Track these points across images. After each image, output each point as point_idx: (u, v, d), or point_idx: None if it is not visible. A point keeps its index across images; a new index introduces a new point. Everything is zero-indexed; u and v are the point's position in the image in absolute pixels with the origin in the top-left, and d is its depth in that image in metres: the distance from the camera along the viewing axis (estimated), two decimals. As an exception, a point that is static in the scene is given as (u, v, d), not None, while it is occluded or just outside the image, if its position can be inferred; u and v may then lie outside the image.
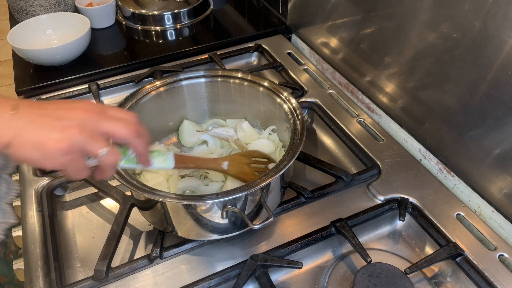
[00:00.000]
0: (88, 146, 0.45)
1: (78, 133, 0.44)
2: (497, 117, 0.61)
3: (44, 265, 0.61)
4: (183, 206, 0.57)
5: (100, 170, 0.49)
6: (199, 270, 0.62)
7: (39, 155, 0.43)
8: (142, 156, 0.52)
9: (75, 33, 1.02)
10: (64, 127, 0.44)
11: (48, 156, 0.43)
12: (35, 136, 0.43)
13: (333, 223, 0.64)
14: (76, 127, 0.44)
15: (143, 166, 0.54)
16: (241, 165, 0.66)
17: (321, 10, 0.97)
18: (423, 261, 0.59)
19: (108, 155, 0.46)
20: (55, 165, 0.44)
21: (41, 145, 0.43)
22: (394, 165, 0.75)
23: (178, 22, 1.20)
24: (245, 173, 0.65)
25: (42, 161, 0.43)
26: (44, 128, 0.43)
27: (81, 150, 0.45)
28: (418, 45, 0.72)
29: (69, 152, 0.43)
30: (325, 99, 0.90)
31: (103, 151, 0.46)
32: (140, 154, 0.52)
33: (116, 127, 0.47)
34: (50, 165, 0.44)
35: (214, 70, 0.75)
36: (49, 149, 0.43)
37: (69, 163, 0.44)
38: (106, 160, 0.47)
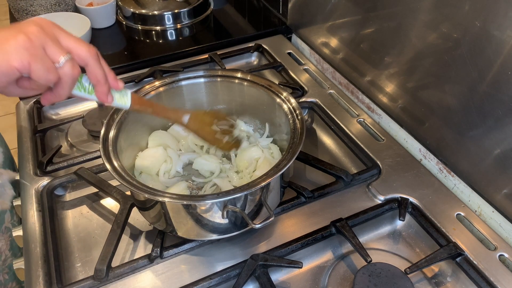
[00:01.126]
0: (49, 46, 0.42)
1: (37, 32, 0.41)
2: (497, 117, 0.61)
3: (44, 264, 0.61)
4: (183, 206, 0.57)
5: (52, 92, 0.45)
6: (199, 270, 0.62)
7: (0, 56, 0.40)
8: (100, 85, 0.48)
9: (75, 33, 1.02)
10: (22, 27, 0.41)
11: (8, 54, 0.40)
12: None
13: (333, 223, 0.64)
14: (35, 26, 0.42)
15: (99, 98, 0.50)
16: (203, 123, 0.64)
17: (321, 10, 0.97)
18: (423, 261, 0.59)
19: (69, 64, 0.43)
20: (19, 64, 0.40)
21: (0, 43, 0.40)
22: (394, 165, 0.75)
23: (179, 22, 1.20)
24: (205, 131, 0.64)
25: (4, 62, 0.40)
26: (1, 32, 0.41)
27: (42, 48, 0.41)
28: (418, 45, 0.72)
29: (29, 45, 0.40)
30: (325, 99, 0.90)
31: (65, 57, 0.43)
32: (98, 81, 0.48)
33: (78, 43, 0.45)
34: (14, 63, 0.40)
35: (213, 70, 0.75)
36: (7, 45, 0.40)
37: (32, 58, 0.40)
38: (66, 69, 0.43)
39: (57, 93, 0.45)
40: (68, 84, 0.45)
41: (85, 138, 0.87)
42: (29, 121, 0.88)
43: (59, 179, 0.73)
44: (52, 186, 0.73)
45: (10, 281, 0.82)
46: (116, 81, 0.51)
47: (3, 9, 2.89)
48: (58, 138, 0.88)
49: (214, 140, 0.66)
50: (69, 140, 0.86)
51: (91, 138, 0.86)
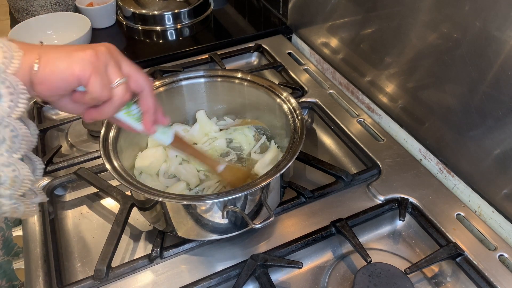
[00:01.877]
0: (111, 66, 0.44)
1: (104, 51, 0.44)
2: (497, 117, 0.61)
3: (44, 264, 0.61)
4: (183, 206, 0.57)
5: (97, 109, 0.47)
6: (199, 270, 0.62)
7: (66, 63, 0.42)
8: (148, 114, 0.51)
9: (75, 33, 1.03)
10: (93, 45, 0.44)
11: (74, 62, 0.42)
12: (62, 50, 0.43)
13: (333, 223, 0.64)
14: (105, 47, 0.45)
15: (143, 128, 0.52)
16: (237, 178, 0.65)
17: (322, 10, 0.97)
18: (423, 261, 0.59)
19: (123, 86, 0.46)
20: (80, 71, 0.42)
21: (69, 53, 0.42)
22: (394, 165, 0.75)
23: (179, 22, 1.20)
24: (234, 185, 0.65)
25: (68, 69, 0.42)
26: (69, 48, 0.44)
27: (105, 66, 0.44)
28: (418, 45, 0.72)
29: (95, 60, 0.43)
30: (325, 99, 0.90)
31: (121, 79, 0.45)
32: (148, 110, 0.50)
33: (137, 71, 0.48)
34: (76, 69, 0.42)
35: (213, 70, 0.75)
36: (76, 55, 0.42)
37: (94, 72, 0.43)
38: (119, 91, 0.45)
39: (103, 111, 0.47)
40: (115, 105, 0.47)
41: (85, 138, 0.87)
42: (29, 121, 0.88)
43: (59, 179, 0.73)
44: (52, 186, 0.73)
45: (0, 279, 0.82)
46: (163, 116, 0.54)
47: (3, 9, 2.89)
48: (58, 138, 0.88)
49: None
50: (69, 140, 0.86)
51: (91, 138, 0.86)
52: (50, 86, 0.42)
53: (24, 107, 0.40)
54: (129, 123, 0.53)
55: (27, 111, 0.89)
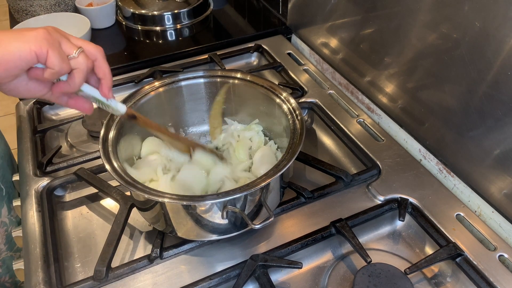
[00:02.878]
0: (64, 42, 0.47)
1: (53, 29, 0.47)
2: (497, 117, 0.61)
3: (44, 265, 0.61)
4: (182, 206, 0.57)
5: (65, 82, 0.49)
6: (199, 270, 0.62)
7: (21, 42, 0.44)
8: (105, 79, 0.52)
9: (75, 33, 1.02)
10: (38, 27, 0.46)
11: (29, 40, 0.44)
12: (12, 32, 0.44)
13: (333, 223, 0.64)
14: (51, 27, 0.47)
15: (103, 93, 0.54)
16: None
17: (321, 11, 0.97)
18: (423, 261, 0.59)
19: (82, 55, 0.48)
20: (37, 48, 0.44)
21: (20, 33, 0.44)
22: (394, 166, 0.75)
23: (178, 22, 1.20)
24: None
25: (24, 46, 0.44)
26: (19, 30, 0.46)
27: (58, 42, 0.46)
28: (418, 46, 0.72)
29: (48, 37, 0.45)
30: (325, 100, 0.90)
31: (77, 50, 0.48)
32: (105, 75, 0.52)
33: (86, 42, 0.50)
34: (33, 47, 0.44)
35: (213, 71, 0.75)
36: (28, 34, 0.44)
37: (50, 46, 0.45)
38: (80, 59, 0.48)
39: (72, 81, 0.49)
40: (82, 74, 0.49)
41: (85, 138, 0.87)
42: (29, 122, 0.88)
43: (59, 179, 0.73)
44: (52, 187, 0.73)
45: (3, 275, 0.82)
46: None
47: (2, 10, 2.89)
48: (58, 138, 0.88)
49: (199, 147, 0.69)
50: (69, 141, 0.86)
51: (91, 138, 0.86)
52: (7, 66, 0.44)
53: None
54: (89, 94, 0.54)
55: (26, 112, 0.90)
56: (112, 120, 0.65)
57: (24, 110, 0.91)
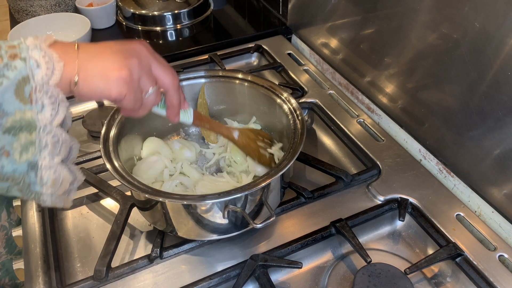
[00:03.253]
0: (143, 79, 0.48)
1: (137, 64, 0.47)
2: (497, 118, 0.61)
3: (44, 265, 0.61)
4: (183, 206, 0.57)
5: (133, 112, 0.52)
6: (199, 270, 0.62)
7: (103, 84, 0.45)
8: (172, 108, 0.56)
9: (75, 33, 1.03)
10: (125, 57, 0.47)
11: (111, 84, 0.45)
12: (99, 66, 0.45)
13: (333, 223, 0.64)
14: (136, 57, 0.47)
15: (169, 118, 0.58)
16: (249, 139, 0.70)
17: (321, 11, 0.97)
18: (423, 261, 0.59)
19: (153, 95, 0.50)
20: (117, 95, 0.46)
21: (105, 73, 0.45)
22: (394, 166, 0.75)
23: (178, 22, 1.20)
24: (251, 147, 0.69)
25: (106, 90, 0.45)
26: (107, 58, 0.46)
27: (138, 80, 0.48)
28: (418, 46, 0.72)
29: (130, 80, 0.46)
30: (325, 100, 0.90)
31: (152, 89, 0.50)
32: (172, 106, 0.56)
33: (165, 74, 0.52)
34: (114, 94, 0.46)
35: (214, 71, 0.76)
36: (112, 76, 0.45)
37: (128, 91, 0.46)
38: (150, 100, 0.51)
39: (137, 113, 0.52)
40: (148, 109, 0.52)
41: (85, 138, 0.87)
42: (29, 122, 0.88)
43: (59, 179, 0.73)
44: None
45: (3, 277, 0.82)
46: (185, 103, 0.59)
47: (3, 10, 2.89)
48: (58, 138, 0.88)
49: (256, 155, 0.70)
50: (69, 141, 0.86)
51: (91, 138, 0.86)
52: (87, 99, 0.47)
53: (63, 115, 0.43)
54: (157, 112, 0.58)
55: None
56: (113, 119, 0.65)
57: (24, 110, 0.91)
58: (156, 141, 0.74)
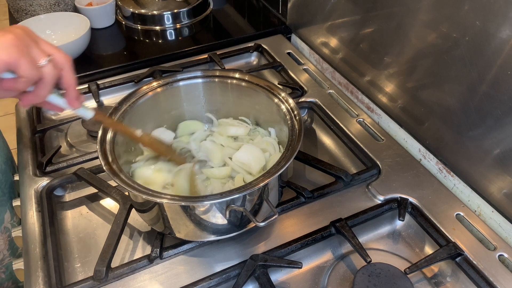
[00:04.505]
0: (33, 48, 0.46)
1: (22, 34, 0.45)
2: (497, 117, 0.61)
3: (44, 265, 0.61)
4: (181, 207, 0.56)
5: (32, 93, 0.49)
6: (199, 270, 0.62)
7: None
8: (71, 90, 0.52)
9: (74, 33, 1.02)
10: (8, 29, 0.45)
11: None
12: None
13: (333, 223, 0.64)
14: (20, 30, 0.46)
15: (69, 102, 0.54)
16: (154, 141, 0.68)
17: (321, 10, 0.97)
18: (423, 261, 0.59)
19: (50, 65, 0.47)
20: (7, 57, 0.43)
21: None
22: (394, 165, 0.75)
23: (178, 22, 1.20)
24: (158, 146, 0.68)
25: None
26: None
27: (27, 47, 0.45)
28: (418, 45, 0.72)
29: (18, 43, 0.44)
30: (325, 99, 0.90)
31: (46, 58, 0.47)
32: (70, 86, 0.52)
33: (56, 49, 0.49)
34: (3, 56, 0.43)
35: (211, 71, 0.75)
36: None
37: (20, 55, 0.44)
38: (47, 69, 0.47)
39: (38, 93, 0.48)
40: (49, 84, 0.48)
41: (84, 138, 0.87)
42: (28, 122, 0.88)
43: (58, 179, 0.73)
44: (52, 187, 0.73)
45: (6, 281, 0.82)
46: (81, 96, 0.55)
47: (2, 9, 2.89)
48: (58, 138, 0.88)
49: (167, 151, 0.69)
50: (69, 141, 0.86)
51: (91, 138, 0.86)
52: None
53: None
54: (56, 102, 0.54)
55: (26, 112, 0.90)
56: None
57: (23, 110, 0.91)
58: None
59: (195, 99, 0.77)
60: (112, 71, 1.01)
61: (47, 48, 0.48)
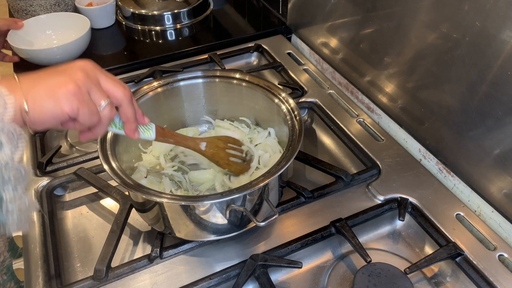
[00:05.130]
0: (93, 91, 0.47)
1: (83, 77, 0.46)
2: (497, 117, 0.61)
3: (44, 265, 0.61)
4: (181, 207, 0.56)
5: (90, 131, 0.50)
6: (199, 270, 0.62)
7: (53, 103, 0.44)
8: (129, 123, 0.53)
9: (75, 33, 1.03)
10: (70, 73, 0.45)
11: (60, 100, 0.44)
12: (44, 87, 0.44)
13: (333, 223, 0.64)
14: (81, 72, 0.46)
15: (127, 134, 0.55)
16: (217, 148, 0.68)
17: (321, 10, 0.97)
18: (423, 261, 0.59)
19: (108, 107, 0.48)
20: (69, 109, 0.44)
21: (52, 91, 0.44)
22: (394, 165, 0.75)
23: (178, 22, 1.20)
24: (220, 156, 0.67)
25: (57, 108, 0.44)
26: (50, 79, 0.45)
27: (88, 93, 0.46)
28: (418, 45, 0.72)
29: (79, 92, 0.45)
30: (325, 99, 0.90)
31: (105, 101, 0.48)
32: (128, 120, 0.52)
33: (115, 86, 0.49)
34: (66, 109, 0.44)
35: (211, 71, 0.75)
36: (60, 92, 0.44)
37: (81, 104, 0.45)
38: (105, 113, 0.48)
39: (95, 132, 0.50)
40: (105, 125, 0.50)
41: (84, 138, 0.86)
42: (28, 121, 0.87)
43: (58, 179, 0.73)
44: (52, 187, 0.73)
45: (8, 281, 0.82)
46: (143, 118, 0.56)
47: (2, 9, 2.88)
48: (58, 138, 0.88)
49: (227, 164, 0.68)
50: (69, 140, 0.86)
51: (91, 138, 0.86)
52: (42, 125, 0.45)
53: (23, 149, 0.43)
54: (115, 131, 0.55)
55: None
56: (112, 120, 0.64)
57: (24, 110, 0.91)
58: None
59: (195, 99, 0.77)
60: (113, 71, 1.01)
61: (107, 85, 0.49)
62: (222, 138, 0.70)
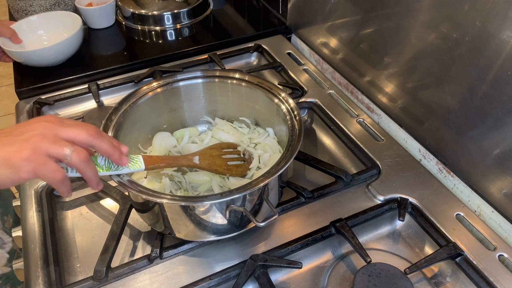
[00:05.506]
0: (52, 149, 0.46)
1: (39, 140, 0.46)
2: (497, 117, 0.61)
3: (44, 265, 0.61)
4: (181, 208, 0.56)
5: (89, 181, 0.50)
6: (199, 270, 0.62)
7: (9, 171, 0.44)
8: (111, 155, 0.52)
9: (66, 32, 1.01)
10: (26, 139, 0.45)
11: (16, 168, 0.44)
12: (0, 155, 0.44)
13: (333, 223, 0.64)
14: (37, 135, 0.46)
15: (117, 163, 0.54)
16: (212, 157, 0.67)
17: (321, 10, 0.97)
18: (423, 261, 0.59)
19: (75, 153, 0.47)
20: (27, 175, 0.45)
21: (8, 160, 0.44)
22: (394, 165, 0.75)
23: (178, 22, 1.20)
24: (217, 165, 0.67)
25: (14, 176, 0.44)
26: (6, 146, 0.45)
27: (46, 154, 0.46)
28: (418, 45, 0.72)
29: (33, 157, 0.45)
30: (325, 99, 0.90)
31: (67, 151, 0.47)
32: (108, 154, 0.51)
33: (76, 131, 0.49)
34: (23, 175, 0.45)
35: (211, 71, 0.75)
36: (14, 160, 0.44)
37: (38, 168, 0.45)
38: (75, 158, 0.47)
39: (87, 179, 0.50)
40: (86, 169, 0.49)
41: (84, 138, 0.86)
42: (28, 122, 0.87)
43: (58, 179, 0.73)
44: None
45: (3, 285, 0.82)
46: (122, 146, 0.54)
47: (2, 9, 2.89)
48: (58, 138, 0.88)
49: (226, 170, 0.68)
50: (69, 141, 0.86)
51: (91, 138, 0.86)
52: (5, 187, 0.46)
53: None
54: (112, 174, 0.55)
55: (26, 112, 0.90)
56: (110, 120, 0.65)
57: (24, 110, 0.91)
58: (165, 136, 0.75)
59: (195, 99, 0.77)
60: (112, 71, 1.01)
61: (68, 134, 0.48)
62: (214, 147, 0.69)
